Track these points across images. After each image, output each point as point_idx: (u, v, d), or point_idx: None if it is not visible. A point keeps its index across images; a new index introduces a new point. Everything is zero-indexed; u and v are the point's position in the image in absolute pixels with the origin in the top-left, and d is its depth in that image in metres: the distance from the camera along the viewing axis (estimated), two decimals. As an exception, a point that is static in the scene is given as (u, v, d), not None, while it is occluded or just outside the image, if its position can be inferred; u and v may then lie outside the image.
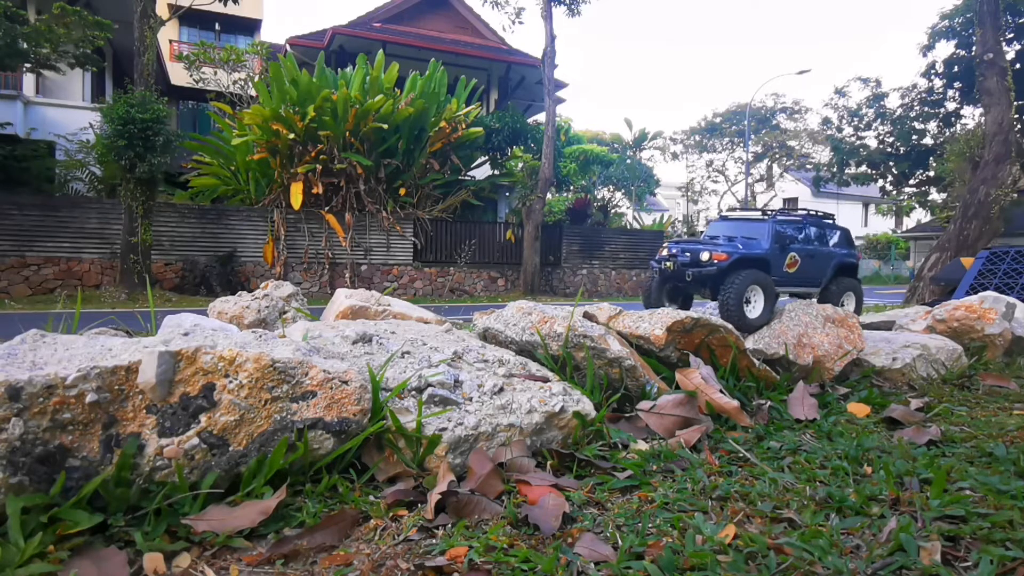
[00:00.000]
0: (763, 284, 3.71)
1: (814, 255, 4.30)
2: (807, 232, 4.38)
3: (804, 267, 4.21)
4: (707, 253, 3.86)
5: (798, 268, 4.16)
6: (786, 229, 4.20)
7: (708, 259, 3.85)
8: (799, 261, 4.18)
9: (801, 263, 4.19)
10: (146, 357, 1.74)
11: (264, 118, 14.63)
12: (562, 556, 1.43)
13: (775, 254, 4.05)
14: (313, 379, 1.91)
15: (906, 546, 1.43)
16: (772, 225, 4.17)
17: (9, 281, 13.15)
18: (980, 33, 12.75)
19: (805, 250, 4.25)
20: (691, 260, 3.96)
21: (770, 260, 4.00)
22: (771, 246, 4.07)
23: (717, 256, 3.83)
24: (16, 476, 1.51)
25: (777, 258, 4.05)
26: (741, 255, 3.86)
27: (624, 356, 2.68)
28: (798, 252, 4.19)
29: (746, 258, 3.90)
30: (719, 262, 3.80)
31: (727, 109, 35.57)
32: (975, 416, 2.74)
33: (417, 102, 16.29)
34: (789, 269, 4.11)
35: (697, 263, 3.91)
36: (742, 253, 3.90)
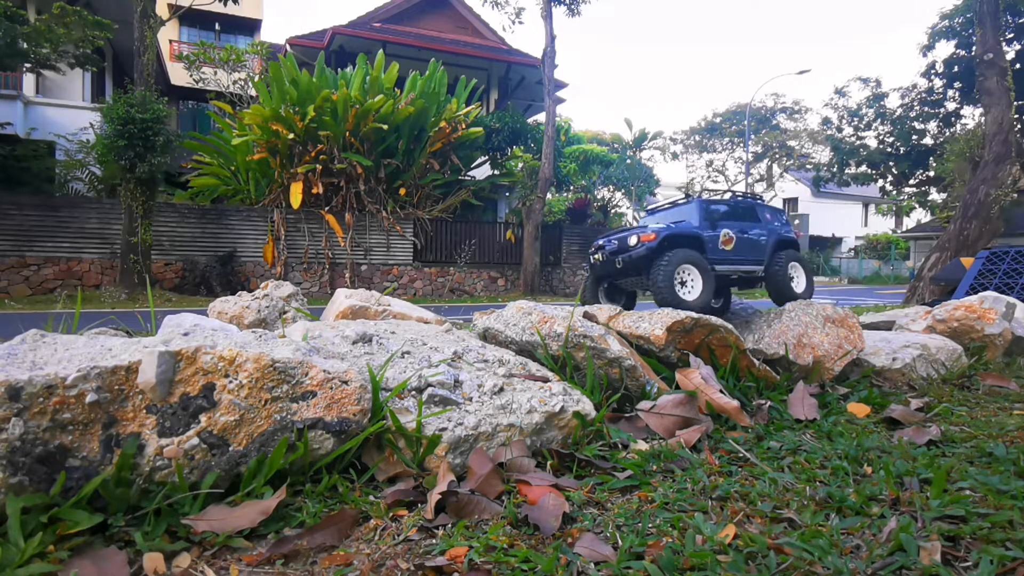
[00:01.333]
0: (697, 263, 3.60)
1: (749, 232, 4.18)
2: (738, 210, 4.27)
3: (741, 244, 4.11)
4: (635, 237, 3.74)
5: (735, 245, 4.06)
6: (714, 207, 4.10)
7: (636, 242, 3.73)
8: (734, 238, 4.08)
9: (737, 240, 4.09)
10: (146, 357, 1.74)
11: (264, 118, 14.63)
12: (562, 556, 1.43)
13: (707, 231, 3.94)
14: (313, 379, 1.91)
15: (906, 546, 1.43)
16: (699, 203, 4.08)
17: (9, 281, 13.14)
18: (980, 33, 12.75)
19: (739, 227, 4.14)
20: (619, 247, 3.84)
21: (703, 237, 3.90)
22: (701, 223, 3.98)
23: (645, 237, 3.70)
24: (16, 476, 1.51)
25: (710, 236, 3.95)
26: (670, 232, 3.75)
27: (624, 356, 2.68)
28: (731, 229, 4.09)
29: (676, 236, 3.79)
30: (647, 243, 3.68)
31: (727, 109, 35.57)
32: (975, 416, 2.74)
33: (417, 102, 16.28)
34: (725, 246, 4.01)
35: (625, 248, 3.79)
36: (671, 231, 3.78)
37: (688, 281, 3.59)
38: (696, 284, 3.61)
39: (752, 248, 4.14)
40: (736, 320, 3.82)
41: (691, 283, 3.59)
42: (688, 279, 3.59)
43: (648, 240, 3.66)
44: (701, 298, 3.55)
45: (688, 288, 3.58)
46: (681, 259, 3.52)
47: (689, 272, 3.59)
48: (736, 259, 4.04)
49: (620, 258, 3.76)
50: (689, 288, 3.58)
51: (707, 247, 3.87)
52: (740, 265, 4.09)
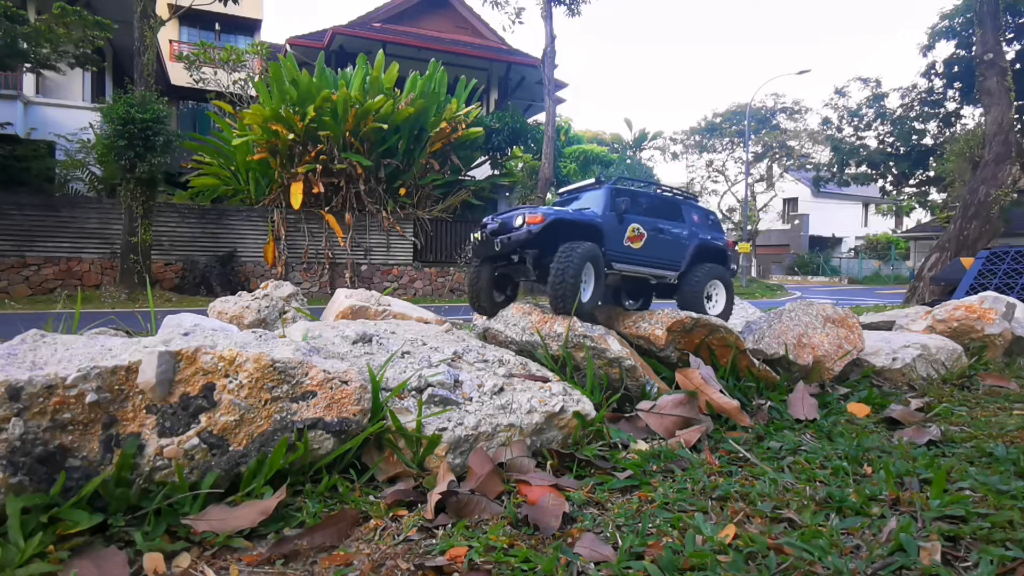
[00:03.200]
0: (590, 257, 3.00)
1: (666, 232, 3.46)
2: (657, 204, 3.56)
3: (653, 243, 3.38)
4: (520, 217, 3.07)
5: (645, 244, 3.34)
6: (627, 196, 3.42)
7: (521, 223, 3.04)
8: (645, 235, 3.34)
9: (649, 238, 3.36)
10: (146, 357, 1.74)
11: (264, 118, 14.63)
12: (562, 556, 1.43)
13: (611, 223, 3.25)
14: (313, 379, 1.91)
15: (906, 546, 1.43)
16: (607, 190, 3.38)
17: (9, 281, 13.14)
18: (980, 33, 12.75)
19: (654, 224, 3.42)
20: (501, 227, 3.17)
21: (603, 228, 3.20)
22: (605, 212, 3.27)
23: (532, 219, 3.01)
24: (16, 476, 1.51)
25: (614, 228, 3.25)
26: (560, 217, 3.05)
27: (624, 356, 2.68)
28: (644, 225, 3.36)
29: (568, 223, 3.09)
30: (532, 226, 3.00)
31: (727, 109, 35.56)
32: (975, 416, 2.74)
33: (417, 102, 16.28)
34: (632, 243, 3.29)
35: (508, 229, 3.13)
36: (562, 215, 3.08)
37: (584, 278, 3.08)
38: (589, 282, 3.04)
39: (667, 249, 3.45)
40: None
41: (585, 280, 3.05)
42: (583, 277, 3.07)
43: (534, 222, 2.99)
44: (593, 298, 3.01)
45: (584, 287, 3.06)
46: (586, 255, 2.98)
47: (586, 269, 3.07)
48: (644, 259, 3.37)
49: (500, 239, 3.12)
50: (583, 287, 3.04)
51: (607, 240, 3.22)
52: (648, 267, 3.38)
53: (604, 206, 3.31)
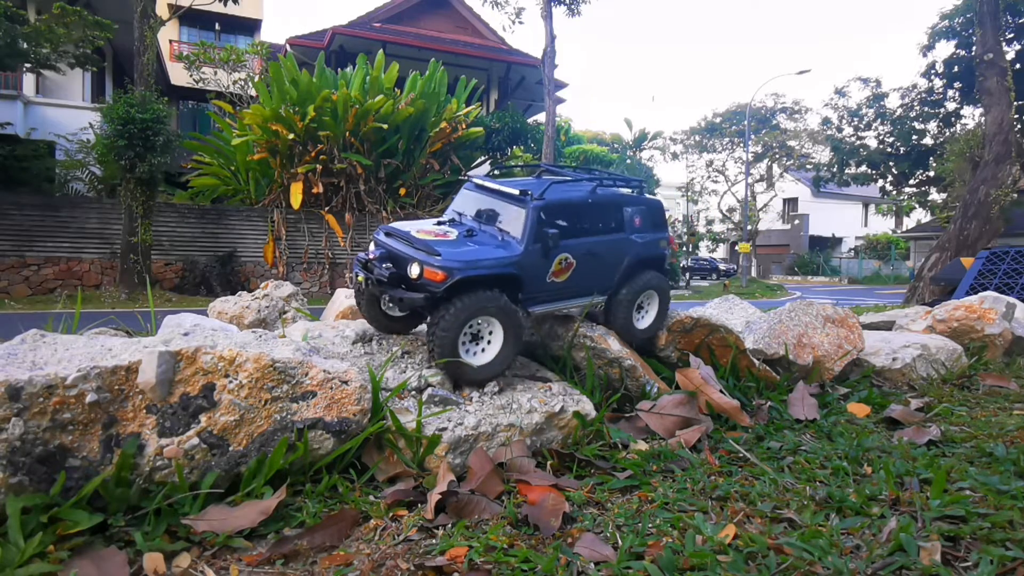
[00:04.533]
0: (501, 313, 2.33)
1: (599, 251, 2.72)
2: (593, 214, 2.74)
3: (584, 271, 2.66)
4: (417, 267, 2.31)
5: (573, 274, 2.62)
6: (558, 216, 2.58)
7: (419, 276, 2.30)
8: (574, 264, 2.61)
9: (578, 266, 2.63)
10: (146, 357, 1.74)
11: (264, 118, 14.63)
12: (562, 556, 1.43)
13: (532, 261, 2.49)
14: (313, 379, 1.92)
15: (906, 546, 1.43)
16: (532, 212, 2.50)
17: (9, 281, 13.14)
18: (980, 33, 12.75)
19: (586, 246, 2.66)
20: (390, 276, 2.41)
21: (523, 273, 2.47)
22: (527, 246, 2.47)
23: (431, 273, 2.27)
24: (16, 476, 1.51)
25: (537, 266, 2.51)
26: (468, 275, 2.30)
27: (624, 356, 2.68)
28: (574, 251, 2.61)
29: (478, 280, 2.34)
30: (432, 283, 2.27)
31: (727, 109, 35.57)
32: (975, 416, 2.74)
33: (417, 102, 16.28)
34: (557, 278, 2.58)
35: (399, 278, 2.40)
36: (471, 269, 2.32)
37: (484, 336, 2.39)
38: (495, 340, 2.38)
39: (598, 274, 2.73)
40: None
41: (486, 339, 2.39)
42: (484, 332, 2.39)
43: (435, 279, 2.26)
44: (496, 362, 2.35)
45: (479, 345, 2.38)
46: (476, 308, 2.28)
47: (487, 324, 2.37)
48: (570, 292, 2.66)
49: (390, 294, 2.40)
50: (482, 346, 2.38)
51: (527, 284, 2.50)
52: (574, 298, 2.68)
53: (526, 236, 2.48)
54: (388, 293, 2.41)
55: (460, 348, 2.30)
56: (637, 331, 2.87)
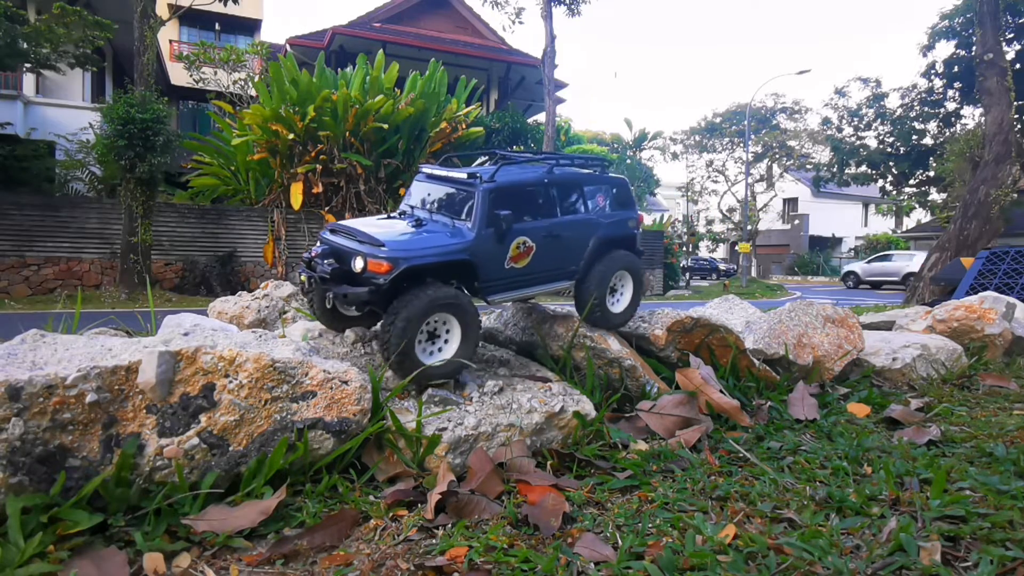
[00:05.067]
0: (456, 308, 2.22)
1: (561, 233, 2.59)
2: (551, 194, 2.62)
3: (545, 255, 2.54)
4: (360, 260, 2.20)
5: (533, 259, 2.50)
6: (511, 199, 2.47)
7: (363, 269, 2.18)
8: (533, 248, 2.48)
9: (539, 250, 2.50)
10: (146, 357, 1.74)
11: (264, 118, 14.63)
12: (562, 556, 1.43)
13: (486, 247, 2.37)
14: (313, 379, 1.92)
15: (906, 546, 1.43)
16: (483, 196, 2.39)
17: (9, 281, 13.14)
18: (980, 33, 12.75)
19: (546, 228, 2.54)
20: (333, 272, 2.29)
21: (477, 260, 2.35)
22: (480, 232, 2.35)
23: (375, 265, 2.15)
24: (16, 476, 1.51)
25: (492, 252, 2.39)
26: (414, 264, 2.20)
27: (624, 356, 2.68)
28: (533, 234, 2.48)
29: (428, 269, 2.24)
30: (378, 275, 2.15)
31: (727, 109, 35.57)
32: (975, 416, 2.74)
33: (417, 102, 16.28)
34: (516, 263, 2.45)
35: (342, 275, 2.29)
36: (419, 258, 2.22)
37: (440, 334, 2.27)
38: (453, 338, 2.26)
39: (561, 257, 2.61)
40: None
41: (443, 337, 2.27)
42: (442, 331, 2.27)
43: (378, 271, 2.15)
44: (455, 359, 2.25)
45: (436, 344, 2.27)
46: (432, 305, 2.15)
47: (443, 321, 2.26)
48: (532, 278, 2.53)
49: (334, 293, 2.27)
50: (439, 344, 2.27)
51: (482, 271, 2.38)
52: (539, 285, 2.56)
53: (477, 220, 2.37)
54: (332, 290, 2.28)
55: (417, 348, 2.18)
56: (612, 315, 2.74)
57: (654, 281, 19.72)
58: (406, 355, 2.14)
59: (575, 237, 2.66)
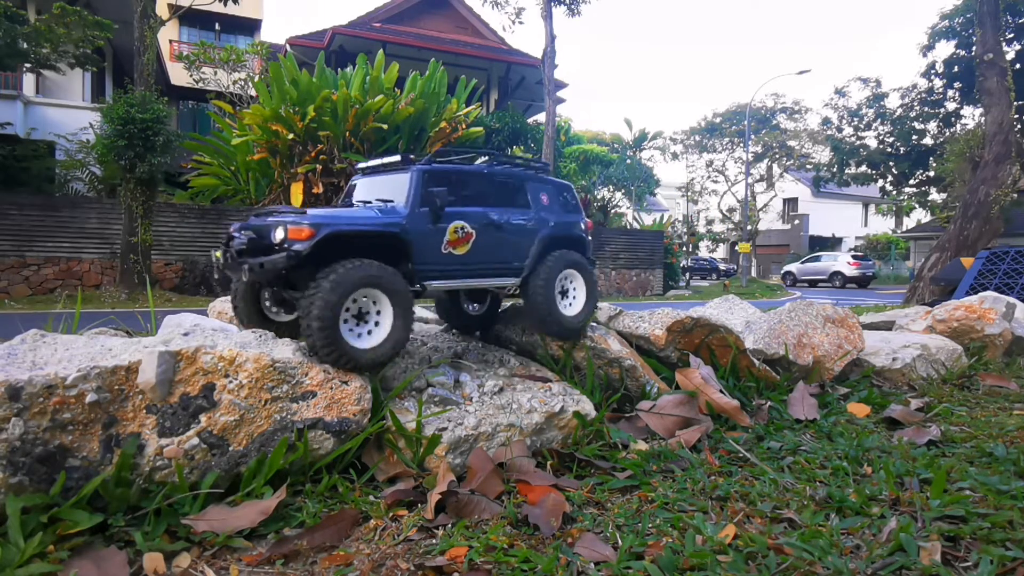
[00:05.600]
0: (385, 285, 2.12)
1: (502, 223, 2.55)
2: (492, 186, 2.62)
3: (486, 245, 2.49)
4: (281, 229, 2.10)
5: (474, 247, 2.45)
6: (446, 180, 2.46)
7: (283, 238, 2.09)
8: (474, 234, 2.44)
9: (480, 238, 2.46)
10: (146, 357, 1.74)
11: (264, 118, 14.63)
12: (562, 556, 1.43)
13: (419, 226, 2.31)
14: (313, 379, 1.92)
15: (906, 546, 1.43)
16: (417, 174, 2.40)
17: (9, 281, 13.14)
18: (980, 33, 12.75)
19: (486, 217, 2.51)
20: (250, 243, 2.24)
21: (410, 236, 2.27)
22: (413, 211, 2.31)
23: (295, 232, 2.06)
24: (16, 476, 1.51)
25: (425, 233, 2.32)
26: (338, 229, 2.12)
27: (624, 356, 2.68)
28: (472, 220, 2.45)
29: (353, 235, 2.17)
30: (297, 242, 2.05)
31: (727, 109, 35.59)
32: (975, 416, 2.74)
33: (417, 102, 16.28)
34: (455, 249, 2.39)
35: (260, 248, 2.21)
36: (341, 223, 2.16)
37: (370, 314, 2.15)
38: (384, 320, 2.15)
39: (505, 250, 2.56)
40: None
41: (373, 318, 2.15)
42: (371, 310, 2.15)
43: (298, 237, 2.05)
44: (387, 344, 2.12)
45: (366, 327, 2.14)
46: (356, 279, 2.04)
47: (372, 299, 2.14)
48: (472, 269, 2.46)
49: (249, 265, 2.14)
50: (368, 327, 2.14)
51: (416, 251, 2.30)
52: (482, 277, 2.50)
53: (411, 200, 2.34)
54: (248, 262, 2.14)
55: (342, 328, 2.03)
56: (565, 318, 2.61)
57: (654, 281, 19.74)
58: (330, 335, 1.98)
59: (518, 232, 2.63)
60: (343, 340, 2.03)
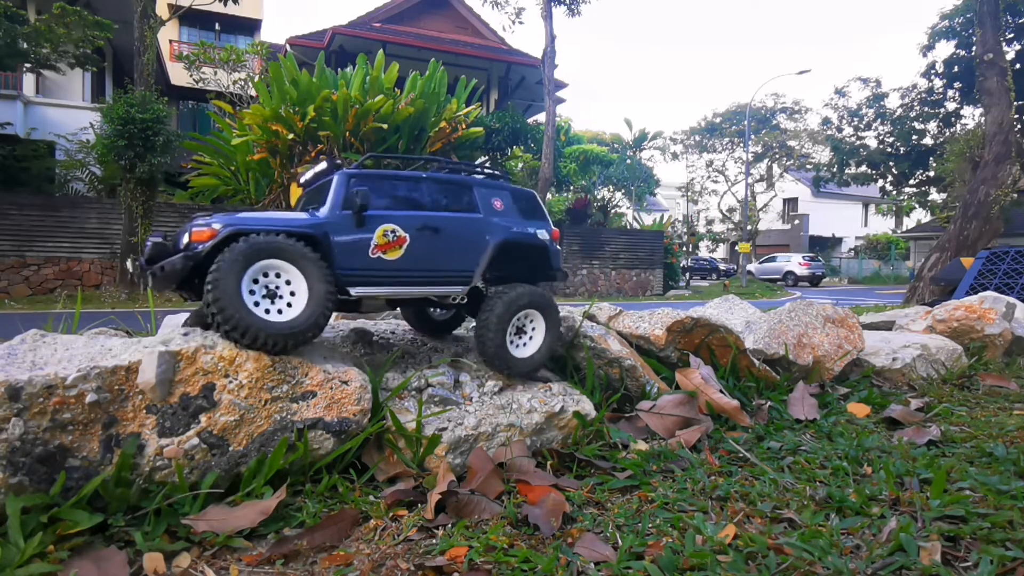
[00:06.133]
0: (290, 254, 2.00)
1: (442, 228, 2.39)
2: (428, 189, 2.48)
3: (423, 250, 2.33)
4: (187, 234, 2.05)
5: (408, 252, 2.30)
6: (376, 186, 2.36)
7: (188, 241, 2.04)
8: (407, 239, 2.30)
9: (415, 243, 2.31)
10: (146, 357, 1.74)
11: (264, 118, 14.62)
12: (562, 556, 1.43)
13: (341, 227, 2.21)
14: (313, 379, 1.92)
15: (906, 546, 1.43)
16: (341, 178, 2.32)
17: (9, 281, 13.15)
18: (980, 33, 12.75)
19: (420, 220, 2.36)
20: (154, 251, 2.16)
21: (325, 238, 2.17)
22: (334, 214, 2.23)
23: (198, 235, 2.00)
24: (16, 476, 1.51)
25: (350, 237, 2.22)
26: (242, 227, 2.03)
27: (624, 356, 2.68)
28: (404, 223, 2.31)
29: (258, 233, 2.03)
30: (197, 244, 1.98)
31: (727, 109, 35.59)
32: (975, 416, 2.74)
33: (417, 102, 16.28)
34: (385, 254, 2.25)
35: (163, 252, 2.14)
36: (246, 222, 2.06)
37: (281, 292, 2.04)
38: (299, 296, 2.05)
39: (448, 256, 2.39)
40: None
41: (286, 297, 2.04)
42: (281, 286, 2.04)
43: (201, 239, 1.99)
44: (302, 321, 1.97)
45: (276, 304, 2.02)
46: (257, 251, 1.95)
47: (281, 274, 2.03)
48: (407, 275, 2.31)
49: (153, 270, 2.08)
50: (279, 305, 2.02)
51: (339, 255, 2.19)
52: (416, 286, 2.33)
53: (332, 203, 2.26)
54: (151, 270, 2.10)
55: (247, 302, 1.90)
56: (514, 360, 2.40)
57: (654, 281, 19.74)
58: (231, 312, 1.85)
59: (463, 238, 2.44)
60: (250, 314, 1.89)
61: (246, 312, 1.88)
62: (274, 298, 2.01)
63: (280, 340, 1.91)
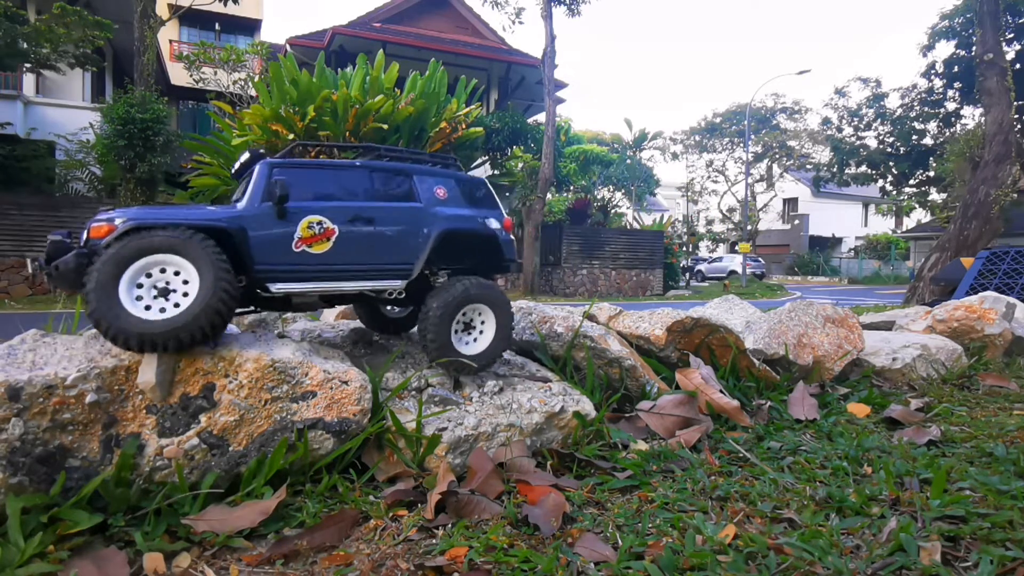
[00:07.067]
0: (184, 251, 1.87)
1: (375, 218, 2.25)
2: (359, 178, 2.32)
3: (354, 242, 2.20)
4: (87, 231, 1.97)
5: (338, 245, 2.17)
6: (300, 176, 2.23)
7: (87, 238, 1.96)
8: (336, 231, 2.16)
9: (345, 236, 2.18)
10: (146, 357, 1.74)
11: (264, 118, 14.62)
12: (562, 556, 1.43)
13: (265, 221, 2.08)
14: (313, 379, 1.91)
15: (906, 546, 1.43)
16: (262, 167, 2.20)
17: (9, 281, 13.15)
18: (980, 33, 12.75)
19: (349, 210, 2.22)
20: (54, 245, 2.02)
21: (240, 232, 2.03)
22: (252, 206, 2.09)
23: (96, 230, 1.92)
24: (16, 476, 1.51)
25: (271, 230, 2.08)
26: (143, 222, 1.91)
27: (624, 356, 2.68)
28: (331, 214, 2.17)
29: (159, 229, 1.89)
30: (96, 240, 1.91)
31: (727, 109, 35.61)
32: (975, 416, 2.74)
33: (417, 102, 16.27)
34: (310, 247, 2.12)
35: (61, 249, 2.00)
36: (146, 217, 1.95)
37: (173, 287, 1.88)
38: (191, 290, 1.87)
39: (382, 248, 2.25)
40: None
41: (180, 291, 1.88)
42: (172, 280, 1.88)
43: (99, 235, 1.90)
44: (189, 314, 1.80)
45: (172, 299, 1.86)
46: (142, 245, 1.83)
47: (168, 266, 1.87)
48: (338, 270, 2.17)
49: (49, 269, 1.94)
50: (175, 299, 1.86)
51: (258, 250, 2.05)
52: (347, 280, 2.18)
53: (252, 195, 2.12)
54: (47, 269, 1.97)
55: (123, 299, 1.77)
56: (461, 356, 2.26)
57: (654, 281, 19.74)
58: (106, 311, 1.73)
59: (399, 226, 2.28)
60: (123, 311, 1.75)
61: (119, 311, 1.74)
62: (167, 295, 1.87)
63: (157, 340, 1.74)
